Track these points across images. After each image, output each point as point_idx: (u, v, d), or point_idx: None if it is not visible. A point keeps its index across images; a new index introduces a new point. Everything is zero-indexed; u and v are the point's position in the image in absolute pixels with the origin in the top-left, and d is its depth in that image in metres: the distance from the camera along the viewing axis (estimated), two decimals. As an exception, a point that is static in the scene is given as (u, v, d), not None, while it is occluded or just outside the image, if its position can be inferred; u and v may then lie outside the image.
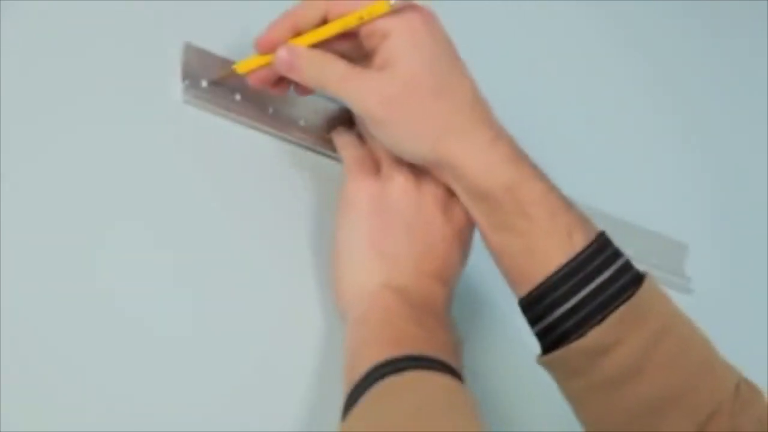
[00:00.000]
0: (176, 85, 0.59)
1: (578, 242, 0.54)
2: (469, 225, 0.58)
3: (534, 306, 0.55)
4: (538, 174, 0.55)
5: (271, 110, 0.61)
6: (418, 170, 0.57)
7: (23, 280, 0.51)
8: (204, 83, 0.59)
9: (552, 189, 0.55)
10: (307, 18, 0.56)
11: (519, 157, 0.55)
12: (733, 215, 0.84)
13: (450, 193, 0.57)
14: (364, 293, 0.55)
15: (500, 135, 0.56)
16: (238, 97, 0.60)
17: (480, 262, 0.60)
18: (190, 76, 0.59)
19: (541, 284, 0.54)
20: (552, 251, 0.54)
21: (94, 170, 0.55)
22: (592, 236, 0.55)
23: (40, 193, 0.53)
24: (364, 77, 0.55)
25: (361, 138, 0.61)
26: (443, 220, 0.57)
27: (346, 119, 0.63)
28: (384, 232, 0.56)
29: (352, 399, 0.50)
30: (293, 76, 0.56)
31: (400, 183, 0.57)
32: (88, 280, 0.53)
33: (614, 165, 0.73)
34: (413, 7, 0.55)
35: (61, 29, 0.56)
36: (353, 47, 0.57)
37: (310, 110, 0.63)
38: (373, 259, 0.56)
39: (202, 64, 0.59)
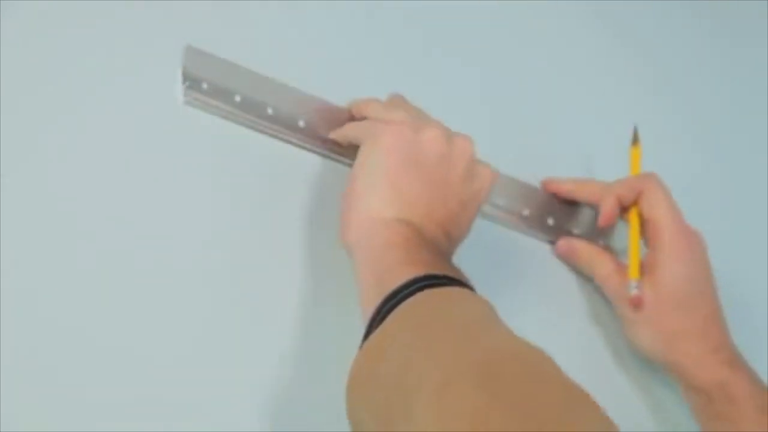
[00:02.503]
0: (177, 87, 0.60)
1: None
2: (481, 197, 0.60)
3: None
4: (752, 377, 0.64)
5: (270, 111, 0.62)
6: (450, 132, 0.59)
7: (23, 281, 0.51)
8: (204, 85, 0.60)
9: (763, 391, 0.63)
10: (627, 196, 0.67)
11: (737, 362, 0.64)
12: (725, 213, 0.83)
13: (474, 164, 0.59)
14: (380, 222, 0.56)
15: (723, 344, 0.65)
16: (238, 98, 0.61)
17: (477, 260, 0.60)
18: (190, 77, 0.60)
19: None
20: None
21: (95, 171, 0.55)
22: None
23: (39, 194, 0.53)
24: (624, 283, 0.65)
25: None
26: (462, 182, 0.58)
27: (344, 120, 0.64)
28: (405, 172, 0.57)
29: (386, 309, 0.50)
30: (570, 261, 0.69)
31: (432, 134, 0.58)
32: (88, 279, 0.53)
33: (603, 163, 0.74)
34: (689, 228, 0.65)
35: (62, 30, 0.57)
36: None
37: (309, 111, 0.63)
38: (391, 193, 0.56)
39: (203, 66, 0.60)
